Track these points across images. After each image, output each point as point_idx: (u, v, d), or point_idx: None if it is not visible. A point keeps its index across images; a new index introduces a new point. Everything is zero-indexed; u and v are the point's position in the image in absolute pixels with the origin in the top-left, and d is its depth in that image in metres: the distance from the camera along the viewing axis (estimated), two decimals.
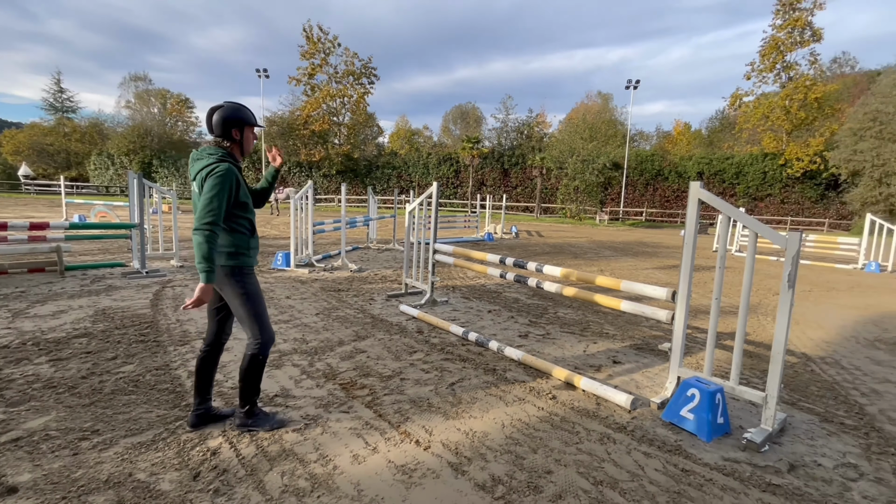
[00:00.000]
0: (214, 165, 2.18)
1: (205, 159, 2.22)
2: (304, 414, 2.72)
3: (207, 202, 2.11)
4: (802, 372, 3.87)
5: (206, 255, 2.09)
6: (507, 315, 5.34)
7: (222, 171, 2.16)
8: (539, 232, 19.79)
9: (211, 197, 2.11)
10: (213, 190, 2.12)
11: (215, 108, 2.31)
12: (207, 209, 2.10)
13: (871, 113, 27.67)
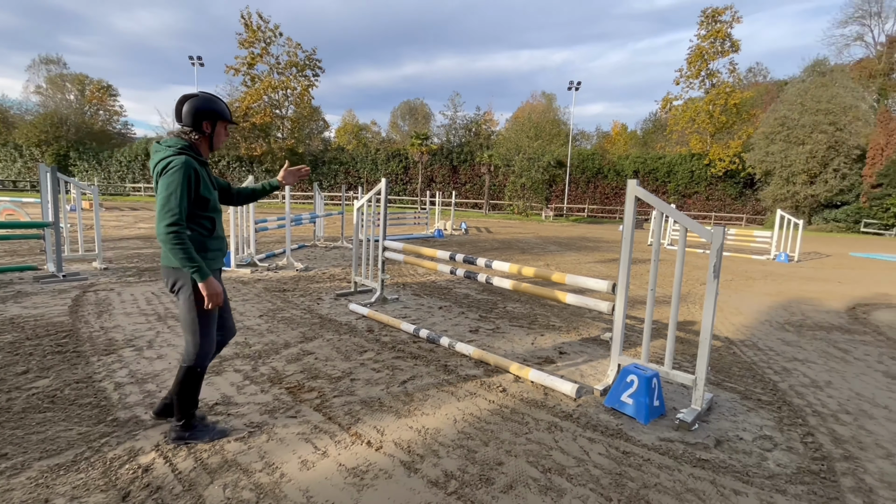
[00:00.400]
0: (170, 159, 2.01)
1: (161, 152, 2.05)
2: (248, 421, 2.59)
3: (165, 201, 1.96)
4: (726, 354, 4.23)
5: (185, 257, 1.99)
6: (457, 311, 5.39)
7: (178, 164, 1.99)
8: (488, 228, 20.14)
9: (168, 195, 1.96)
10: (168, 187, 1.96)
11: (187, 97, 2.15)
12: (166, 209, 1.95)
13: (780, 119, 30.72)
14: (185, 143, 2.10)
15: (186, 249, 1.99)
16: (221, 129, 2.25)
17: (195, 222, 2.12)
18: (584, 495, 2.06)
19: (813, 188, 30.26)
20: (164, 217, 1.95)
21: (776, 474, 2.31)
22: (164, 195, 1.96)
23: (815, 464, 2.43)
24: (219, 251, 2.26)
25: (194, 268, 2.01)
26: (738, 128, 35.69)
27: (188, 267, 2.00)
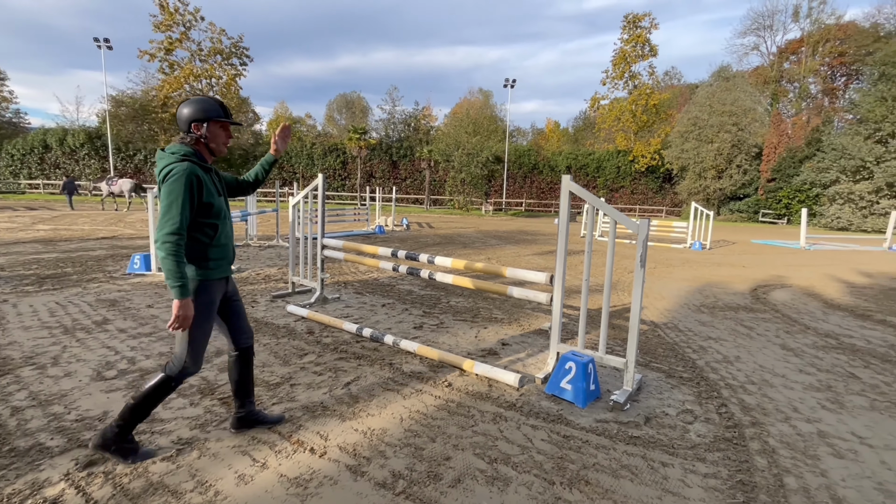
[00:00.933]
0: (172, 167, 1.98)
1: (164, 159, 2.02)
2: (176, 438, 2.39)
3: (166, 209, 1.93)
4: (652, 337, 4.57)
5: (173, 269, 1.92)
6: (401, 308, 5.35)
7: (179, 172, 1.95)
8: (430, 223, 20.18)
9: (169, 203, 1.93)
10: (170, 196, 1.93)
11: (183, 102, 2.12)
12: (166, 218, 1.92)
13: (692, 119, 33.64)
14: (189, 150, 2.06)
15: (178, 263, 1.93)
16: (216, 129, 2.14)
17: (198, 230, 2.05)
18: (529, 481, 2.13)
19: (720, 182, 33.53)
20: (164, 226, 1.92)
21: (697, 444, 2.54)
22: (165, 203, 1.93)
23: (728, 431, 2.70)
24: (222, 259, 2.18)
25: (177, 284, 1.93)
26: (658, 127, 38.61)
27: (171, 280, 1.92)
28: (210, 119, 2.11)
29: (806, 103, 41.08)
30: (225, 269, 2.21)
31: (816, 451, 2.53)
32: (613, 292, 6.67)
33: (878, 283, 8.45)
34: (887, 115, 25.76)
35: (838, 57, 38.28)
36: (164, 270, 1.94)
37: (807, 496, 2.12)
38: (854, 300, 6.76)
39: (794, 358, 4.09)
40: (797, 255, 12.98)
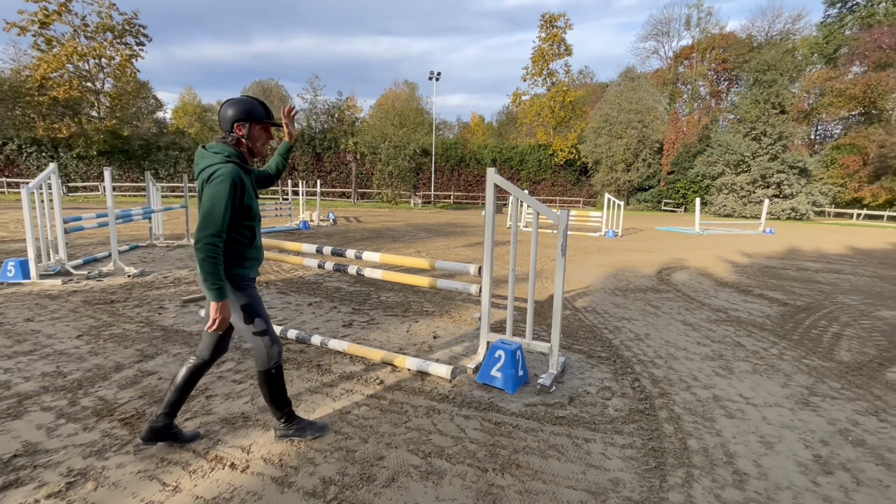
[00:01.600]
0: (216, 167, 1.96)
1: (207, 158, 2.00)
2: (67, 469, 2.09)
3: (209, 211, 1.90)
4: (573, 321, 4.86)
5: (212, 272, 1.92)
6: (329, 306, 5.15)
7: (224, 174, 1.93)
8: (357, 217, 19.70)
9: (212, 205, 1.91)
10: (213, 197, 1.91)
11: (223, 103, 2.11)
12: (208, 219, 1.90)
13: (604, 116, 36.17)
14: (233, 151, 2.04)
15: (216, 265, 1.93)
16: (258, 130, 2.14)
17: (236, 231, 2.06)
18: (463, 472, 2.15)
19: (629, 175, 36.53)
20: (207, 227, 1.90)
21: (615, 418, 2.74)
22: (208, 205, 1.91)
23: (641, 404, 2.94)
24: (256, 260, 2.22)
25: (216, 286, 1.94)
26: (574, 122, 41.01)
27: (209, 282, 1.93)
28: (253, 120, 2.11)
29: (697, 104, 45.94)
30: (257, 270, 2.25)
31: (713, 413, 2.85)
32: (539, 280, 6.99)
33: (756, 262, 9.74)
34: (760, 115, 29.67)
35: (722, 63, 43.21)
36: (203, 272, 1.92)
37: (706, 455, 2.38)
38: (738, 278, 7.72)
39: (692, 332, 4.57)
40: (693, 239, 14.55)
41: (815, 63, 37.31)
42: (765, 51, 34.08)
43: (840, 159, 32.90)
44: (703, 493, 2.06)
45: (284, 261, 4.57)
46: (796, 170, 28.95)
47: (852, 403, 3.06)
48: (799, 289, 6.93)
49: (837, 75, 34.51)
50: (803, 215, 28.51)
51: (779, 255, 11.12)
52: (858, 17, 35.18)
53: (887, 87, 31.82)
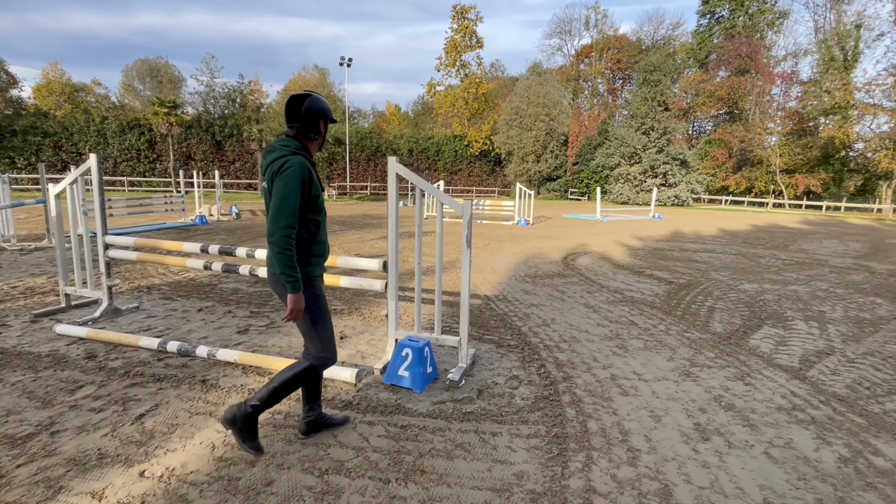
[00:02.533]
0: (286, 159, 1.95)
1: (276, 151, 2.00)
2: None
3: (281, 203, 1.90)
4: (485, 310, 4.89)
5: (289, 264, 1.92)
6: (223, 310, 4.63)
7: (294, 166, 1.94)
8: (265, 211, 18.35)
9: (284, 197, 1.90)
10: (285, 189, 1.91)
11: (304, 97, 2.07)
12: (281, 211, 1.90)
13: (514, 108, 37.56)
14: (299, 144, 2.04)
15: (292, 257, 1.93)
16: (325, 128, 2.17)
17: (302, 226, 2.03)
18: (363, 486, 1.99)
19: (539, 165, 38.48)
20: (280, 219, 1.89)
21: (521, 408, 2.75)
22: (280, 196, 1.90)
23: (546, 390, 3.00)
24: (321, 256, 2.17)
25: (292, 278, 1.94)
26: (487, 114, 42.11)
27: (286, 275, 1.93)
28: (329, 120, 2.15)
29: (597, 100, 49.68)
30: (323, 267, 2.21)
31: (610, 393, 2.99)
32: (454, 271, 6.99)
33: (647, 245, 10.75)
34: (648, 112, 32.87)
35: (617, 63, 47.09)
36: (279, 265, 1.91)
37: (604, 436, 2.47)
38: (632, 260, 8.43)
39: (593, 314, 4.84)
40: (595, 226, 15.70)
41: (692, 67, 42.18)
42: (651, 53, 37.77)
43: (711, 152, 37.69)
44: (601, 475, 2.12)
45: (161, 262, 3.99)
46: (678, 161, 32.59)
47: (724, 371, 3.42)
48: (681, 268, 7.73)
49: (708, 78, 39.34)
50: (684, 202, 32.26)
51: (665, 238, 12.39)
52: (723, 28, 40.34)
53: (745, 90, 37.02)
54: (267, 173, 1.99)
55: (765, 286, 6.49)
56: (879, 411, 2.85)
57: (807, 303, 5.58)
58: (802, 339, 4.23)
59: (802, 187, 34.17)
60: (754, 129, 35.94)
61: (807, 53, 38.42)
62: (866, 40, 34.12)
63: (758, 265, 8.31)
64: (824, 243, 12.26)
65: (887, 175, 31.45)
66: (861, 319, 4.93)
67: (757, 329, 4.48)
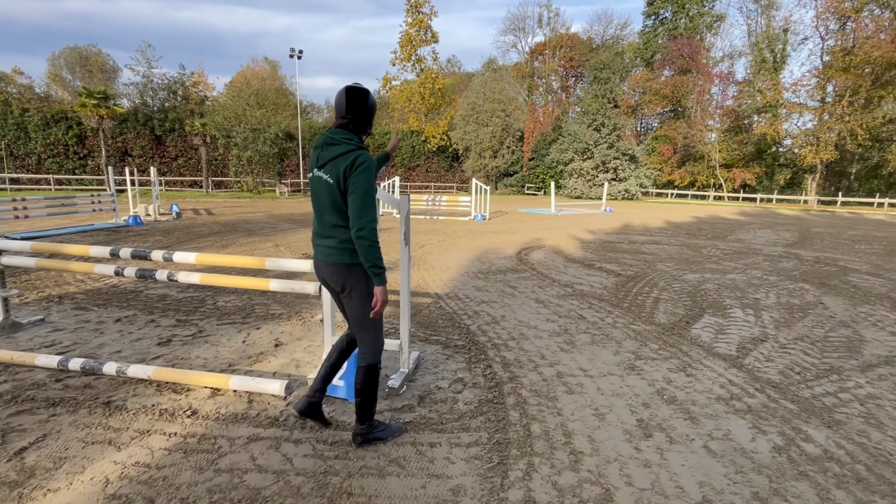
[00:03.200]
0: (358, 155, 1.95)
1: (342, 145, 1.98)
2: None
3: (364, 198, 1.92)
4: (434, 309, 4.73)
5: (379, 256, 1.97)
6: (144, 320, 4.21)
7: (369, 162, 1.97)
8: (210, 210, 17.33)
9: (367, 192, 1.93)
10: (367, 184, 1.94)
11: (367, 91, 2.07)
12: (366, 206, 1.93)
13: (471, 104, 37.63)
14: (359, 140, 2.05)
15: (379, 250, 1.97)
16: None
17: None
18: None
19: (496, 161, 38.82)
20: (367, 212, 1.92)
21: (464, 413, 2.61)
22: (363, 191, 1.92)
23: (490, 392, 2.88)
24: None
25: (381, 270, 1.97)
26: (444, 110, 41.96)
27: (377, 268, 1.96)
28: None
29: (551, 97, 50.75)
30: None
31: (555, 392, 2.91)
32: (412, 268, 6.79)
33: (599, 238, 10.99)
34: (599, 109, 33.90)
35: (569, 61, 48.26)
36: (371, 258, 1.94)
37: (547, 439, 2.37)
38: (584, 254, 8.56)
39: (543, 309, 4.80)
40: (550, 220, 15.95)
41: (639, 66, 43.92)
42: (601, 52, 38.93)
43: (658, 148, 39.46)
44: (541, 484, 2.01)
45: (64, 269, 3.54)
46: (627, 157, 33.86)
47: (667, 362, 3.44)
48: (630, 260, 7.92)
49: (654, 77, 41.11)
50: (633, 195, 33.59)
51: (616, 231, 12.75)
52: (667, 29, 42.23)
53: (688, 89, 38.97)
54: (331, 166, 1.96)
55: (706, 276, 6.74)
56: (809, 396, 2.93)
57: (743, 291, 5.82)
58: (739, 326, 4.36)
59: (739, 181, 36.46)
60: (696, 126, 37.94)
61: (741, 55, 41.02)
62: (793, 44, 36.81)
63: (700, 255, 8.66)
64: (759, 233, 13.04)
65: (812, 169, 34.14)
66: (791, 305, 5.18)
67: (698, 318, 4.59)
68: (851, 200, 29.24)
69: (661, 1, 42.25)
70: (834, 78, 31.31)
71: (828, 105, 31.71)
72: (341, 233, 2.02)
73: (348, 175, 1.93)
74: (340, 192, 1.96)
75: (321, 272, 2.15)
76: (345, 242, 2.03)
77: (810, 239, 11.90)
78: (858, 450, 2.34)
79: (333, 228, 2.03)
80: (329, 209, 2.00)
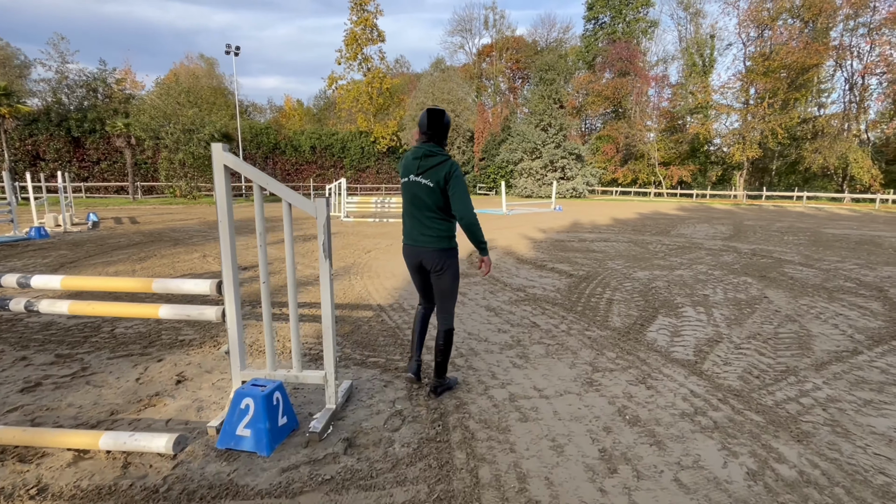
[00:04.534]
0: (452, 163, 2.56)
1: (439, 156, 2.57)
2: None
3: (464, 194, 2.54)
4: (375, 324, 4.25)
5: (482, 234, 2.62)
6: (13, 357, 3.42)
7: (458, 167, 2.58)
8: (135, 218, 15.73)
9: (465, 189, 2.55)
10: (464, 184, 2.56)
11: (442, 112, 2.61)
12: (467, 200, 2.54)
13: (420, 104, 37.17)
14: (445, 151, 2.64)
15: (482, 231, 2.61)
16: None
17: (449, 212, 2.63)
18: None
19: None
20: (469, 204, 2.54)
21: (400, 460, 2.17)
22: (462, 190, 2.54)
23: (433, 427, 2.46)
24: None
25: (485, 244, 2.67)
26: (393, 110, 41.25)
27: (482, 243, 2.66)
28: None
29: (499, 98, 51.36)
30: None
31: (508, 420, 2.54)
32: (348, 278, 6.25)
33: (549, 237, 10.92)
34: (546, 109, 34.60)
35: (516, 63, 49.05)
36: (478, 235, 2.61)
37: (498, 487, 1.98)
38: (535, 254, 8.37)
39: (494, 318, 4.45)
40: (502, 220, 15.84)
41: (581, 68, 45.36)
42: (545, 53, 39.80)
43: (602, 147, 40.94)
44: None
45: None
46: (574, 156, 34.77)
47: (625, 373, 3.18)
48: (581, 259, 7.81)
49: (595, 79, 42.62)
50: (581, 194, 34.55)
51: (566, 229, 12.79)
52: (606, 33, 43.92)
53: (627, 91, 40.71)
54: (431, 173, 2.54)
55: (655, 272, 6.72)
56: (772, 404, 2.75)
57: (692, 287, 5.80)
58: (693, 327, 4.23)
59: (677, 178, 38.54)
60: (636, 126, 39.70)
61: (674, 59, 43.44)
62: (719, 49, 39.44)
63: (647, 251, 8.74)
64: (698, 227, 13.56)
65: (739, 166, 36.69)
66: (739, 301, 5.17)
67: (652, 320, 4.42)
68: (774, 195, 31.67)
69: (600, 6, 43.90)
70: (756, 81, 33.82)
71: (751, 106, 34.19)
72: (439, 224, 2.63)
73: (448, 179, 2.53)
74: (441, 193, 2.55)
75: (420, 256, 2.67)
76: (442, 232, 2.64)
77: (744, 232, 12.49)
78: (833, 468, 2.13)
79: (432, 221, 2.62)
80: (430, 207, 2.58)
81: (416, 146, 2.63)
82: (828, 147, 30.83)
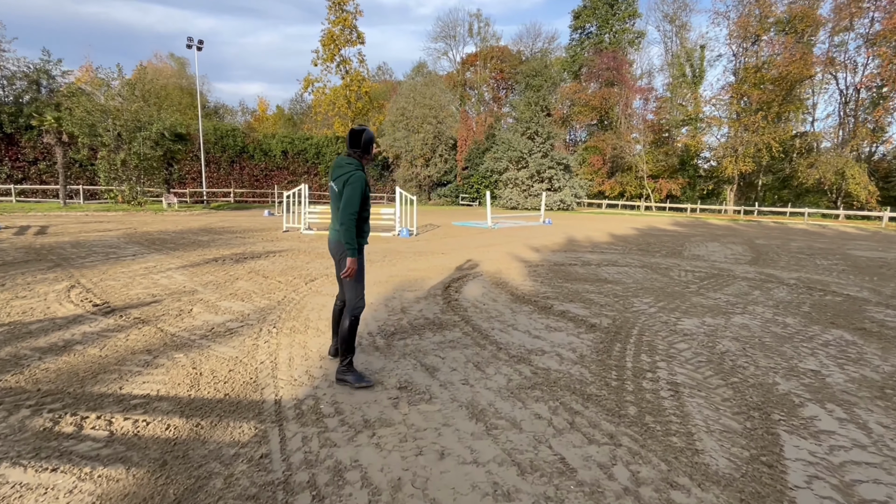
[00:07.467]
0: (353, 173, 2.97)
1: (346, 167, 3.03)
2: None
3: (349, 200, 2.91)
4: (247, 469, 2.09)
5: (351, 238, 2.93)
6: None
7: (358, 178, 2.96)
8: (46, 227, 13.12)
9: (350, 197, 2.91)
10: (352, 191, 2.91)
11: (362, 130, 3.09)
12: (349, 206, 2.90)
13: (401, 109, 35.29)
14: (360, 163, 3.08)
15: (352, 234, 2.94)
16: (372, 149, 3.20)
17: (359, 215, 3.00)
18: None
19: (428, 170, 36.68)
20: (348, 208, 2.91)
21: None
22: (348, 196, 2.92)
23: None
24: (366, 233, 3.13)
25: (351, 247, 2.94)
26: (373, 115, 39.27)
27: (349, 244, 2.93)
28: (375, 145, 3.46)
29: (483, 107, 49.91)
30: (366, 238, 3.14)
31: None
32: (253, 335, 4.07)
33: (546, 258, 8.91)
34: (532, 116, 33.04)
35: (500, 72, 47.70)
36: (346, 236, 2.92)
37: None
38: (534, 284, 6.32)
39: (483, 443, 2.35)
40: (486, 234, 13.81)
41: (567, 79, 44.26)
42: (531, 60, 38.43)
43: (589, 159, 39.62)
44: None
45: None
46: (562, 166, 33.24)
47: None
48: (595, 295, 5.79)
49: (582, 89, 41.49)
50: (569, 206, 32.98)
51: (561, 247, 10.83)
52: (592, 43, 43.00)
53: (614, 101, 39.65)
54: (338, 179, 3.02)
55: (706, 320, 4.75)
56: None
57: (779, 352, 3.82)
58: (856, 461, 2.20)
59: (665, 191, 37.39)
60: (623, 138, 38.55)
61: (661, 70, 42.72)
62: (709, 59, 38.77)
63: (672, 281, 6.81)
64: (709, 247, 11.81)
65: (730, 180, 35.75)
66: (873, 384, 3.20)
67: (775, 446, 2.38)
68: (766, 209, 30.65)
69: (587, 16, 43.02)
70: (748, 94, 33.00)
71: (744, 118, 33.29)
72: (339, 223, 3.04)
73: (345, 185, 2.95)
74: (339, 197, 2.99)
75: (330, 247, 3.15)
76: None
77: (766, 254, 10.76)
78: None
79: (337, 220, 3.02)
80: (337, 207, 3.01)
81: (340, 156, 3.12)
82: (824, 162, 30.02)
